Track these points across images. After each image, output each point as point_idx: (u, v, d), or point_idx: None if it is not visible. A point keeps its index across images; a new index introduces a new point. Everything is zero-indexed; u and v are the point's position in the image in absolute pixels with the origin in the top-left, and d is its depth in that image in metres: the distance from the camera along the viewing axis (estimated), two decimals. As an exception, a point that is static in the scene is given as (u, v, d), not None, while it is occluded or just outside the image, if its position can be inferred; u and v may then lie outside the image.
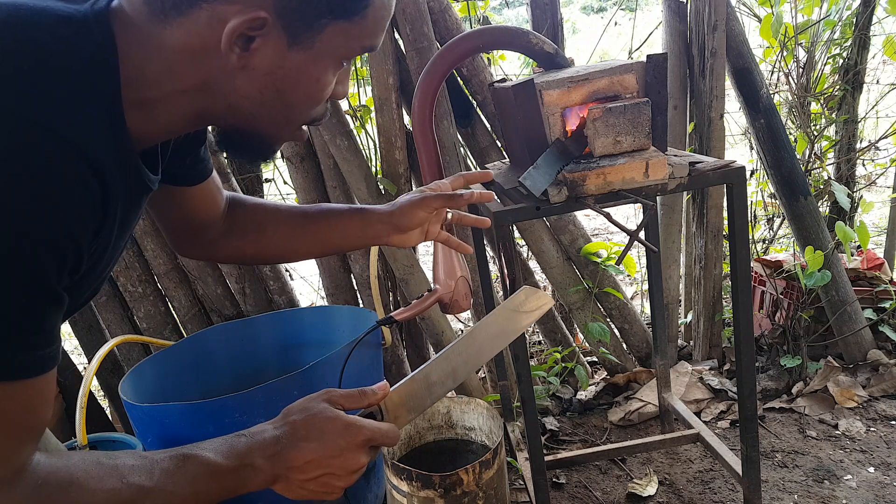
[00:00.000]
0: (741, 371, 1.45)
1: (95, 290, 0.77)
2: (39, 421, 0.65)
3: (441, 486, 1.37)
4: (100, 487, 0.66)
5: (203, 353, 1.83)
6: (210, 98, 0.70)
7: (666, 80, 1.28)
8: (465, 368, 0.87)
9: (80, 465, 0.66)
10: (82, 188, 0.60)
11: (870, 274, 2.33)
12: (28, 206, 0.55)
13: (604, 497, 1.83)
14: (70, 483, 0.64)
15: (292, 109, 0.73)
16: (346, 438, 0.76)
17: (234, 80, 0.68)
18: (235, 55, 0.65)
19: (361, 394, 0.82)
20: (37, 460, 0.64)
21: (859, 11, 2.43)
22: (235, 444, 0.75)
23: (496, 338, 0.90)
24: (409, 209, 1.02)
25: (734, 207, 1.32)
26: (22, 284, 0.57)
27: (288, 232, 1.04)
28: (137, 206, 0.75)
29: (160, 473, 0.70)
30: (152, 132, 0.71)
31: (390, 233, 1.03)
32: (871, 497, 1.71)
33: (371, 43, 0.72)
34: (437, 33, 1.99)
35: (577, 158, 1.29)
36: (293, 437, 0.76)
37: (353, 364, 1.45)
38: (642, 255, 2.61)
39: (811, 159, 2.54)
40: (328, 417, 0.77)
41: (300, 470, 0.76)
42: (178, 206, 0.97)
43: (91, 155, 0.60)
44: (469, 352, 0.87)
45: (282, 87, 0.69)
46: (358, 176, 2.03)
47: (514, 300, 0.91)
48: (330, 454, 0.76)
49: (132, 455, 0.71)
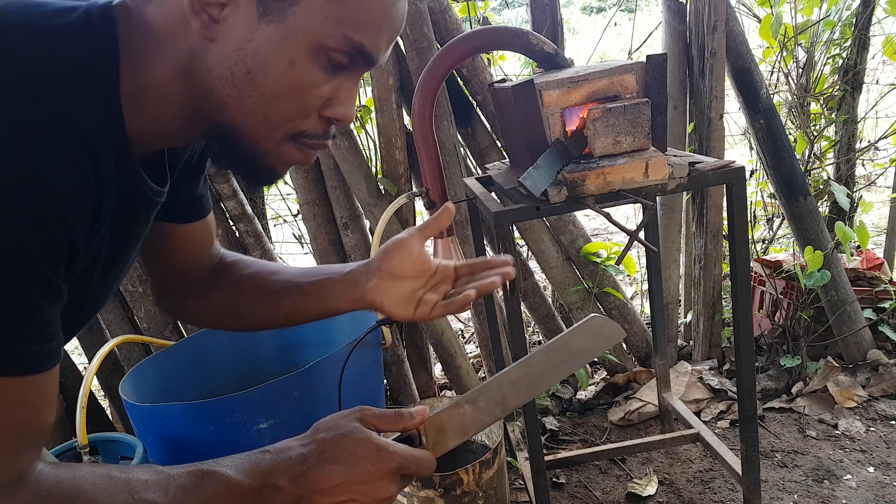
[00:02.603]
0: (741, 371, 1.45)
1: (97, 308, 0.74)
2: (41, 424, 0.60)
3: (441, 486, 1.37)
4: (109, 502, 0.61)
5: (203, 353, 1.83)
6: (192, 84, 0.65)
7: (666, 81, 1.29)
8: (516, 398, 0.79)
9: (88, 477, 0.62)
10: (77, 171, 0.56)
11: (869, 274, 2.33)
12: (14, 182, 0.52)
13: (604, 497, 1.83)
14: (77, 496, 0.60)
15: (268, 102, 0.65)
16: (376, 464, 0.71)
17: (206, 58, 0.63)
18: (200, 21, 0.61)
19: (398, 416, 0.76)
20: (40, 469, 0.60)
21: (859, 11, 2.43)
22: (259, 461, 0.70)
23: (555, 368, 0.80)
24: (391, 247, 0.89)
25: (734, 207, 1.32)
26: (11, 267, 0.53)
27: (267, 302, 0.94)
28: (136, 217, 0.71)
29: (176, 490, 0.65)
30: (147, 132, 0.66)
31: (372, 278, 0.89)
32: (871, 497, 1.71)
33: (358, 37, 0.64)
34: (437, 33, 1.99)
35: (577, 158, 1.29)
36: (320, 458, 0.71)
37: (353, 364, 1.45)
38: (642, 255, 2.61)
39: (811, 159, 2.54)
40: (359, 439, 0.71)
41: (325, 493, 0.70)
42: (170, 246, 0.90)
43: (89, 140, 0.57)
44: (524, 381, 0.79)
45: (252, 65, 0.63)
46: (358, 176, 2.03)
47: (582, 329, 0.81)
48: (357, 479, 0.70)
49: (146, 469, 0.66)
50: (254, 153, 0.69)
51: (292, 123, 0.68)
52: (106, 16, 0.62)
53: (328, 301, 0.92)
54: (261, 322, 0.98)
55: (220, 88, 0.64)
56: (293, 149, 0.70)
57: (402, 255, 0.88)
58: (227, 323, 0.99)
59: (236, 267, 0.98)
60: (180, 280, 0.95)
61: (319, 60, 0.65)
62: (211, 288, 0.96)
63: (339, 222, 2.13)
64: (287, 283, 0.94)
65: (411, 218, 2.15)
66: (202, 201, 0.91)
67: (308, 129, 0.69)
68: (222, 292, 0.96)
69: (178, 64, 0.64)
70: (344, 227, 2.13)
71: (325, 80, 0.66)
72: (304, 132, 0.69)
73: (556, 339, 0.81)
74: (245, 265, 0.99)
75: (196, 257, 0.94)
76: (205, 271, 0.97)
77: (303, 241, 2.40)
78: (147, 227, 0.75)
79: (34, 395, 0.58)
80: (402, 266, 0.89)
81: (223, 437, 1.36)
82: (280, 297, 0.94)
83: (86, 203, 0.58)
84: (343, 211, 2.11)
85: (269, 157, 0.70)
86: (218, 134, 0.68)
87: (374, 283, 0.89)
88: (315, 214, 2.13)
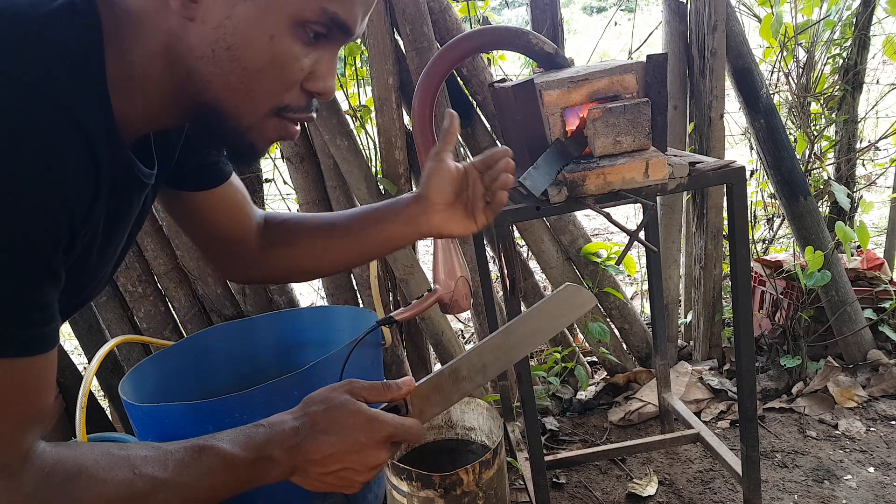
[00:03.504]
0: (741, 371, 1.45)
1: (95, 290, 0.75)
2: (41, 404, 0.62)
3: (441, 486, 1.37)
4: (111, 477, 0.63)
5: (203, 353, 1.83)
6: (174, 65, 0.65)
7: (666, 80, 1.29)
8: (496, 365, 0.83)
9: (89, 454, 0.64)
10: (75, 155, 0.57)
11: (870, 274, 2.33)
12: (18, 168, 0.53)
13: (604, 497, 1.83)
14: (79, 472, 0.62)
15: (251, 78, 0.65)
16: (367, 434, 0.74)
17: (187, 38, 0.64)
18: (179, 1, 0.61)
19: (385, 387, 0.79)
20: (42, 448, 0.61)
21: (859, 11, 2.43)
22: (253, 435, 0.73)
23: (533, 335, 0.85)
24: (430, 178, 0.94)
25: (734, 207, 1.32)
26: (15, 253, 0.54)
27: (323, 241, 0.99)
28: (129, 201, 0.72)
29: (174, 464, 0.67)
30: (135, 117, 0.67)
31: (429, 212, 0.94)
32: (871, 497, 1.71)
33: (333, 8, 0.65)
34: (437, 33, 1.99)
35: (577, 158, 1.29)
36: (313, 430, 0.74)
37: (353, 364, 1.45)
38: (642, 255, 2.61)
39: (811, 159, 2.54)
40: (350, 410, 0.75)
41: (319, 463, 0.74)
42: (201, 215, 0.92)
43: (84, 125, 0.58)
44: (503, 348, 0.83)
45: (232, 42, 0.63)
46: (358, 176, 2.03)
47: (556, 297, 0.86)
48: (350, 449, 0.74)
49: (144, 446, 0.68)
50: (236, 130, 0.70)
51: (276, 98, 0.69)
52: (89, 2, 0.62)
53: (390, 243, 0.98)
54: (334, 266, 1.02)
55: (201, 67, 0.65)
56: (276, 124, 0.71)
57: (446, 181, 0.94)
58: (300, 273, 1.04)
59: (289, 222, 1.02)
60: (233, 247, 0.98)
61: (298, 34, 0.66)
62: (274, 246, 0.99)
63: (339, 222, 2.13)
64: (347, 230, 0.99)
65: (411, 218, 2.14)
66: (217, 166, 0.92)
67: (291, 103, 0.70)
68: (289, 246, 1.00)
69: (159, 46, 0.65)
70: (344, 227, 2.12)
71: (305, 53, 0.67)
72: (288, 106, 0.70)
73: (533, 308, 0.85)
74: (299, 218, 1.03)
75: (236, 220, 0.96)
76: (253, 233, 0.99)
77: (303, 241, 2.40)
78: (138, 208, 0.76)
79: (36, 376, 0.60)
80: (450, 191, 0.94)
81: (223, 437, 1.35)
82: (347, 241, 0.99)
83: (85, 188, 0.59)
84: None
85: (251, 133, 0.71)
86: (201, 113, 0.69)
87: (436, 216, 0.95)
88: (315, 214, 2.13)
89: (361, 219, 0.99)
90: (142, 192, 0.74)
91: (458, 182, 0.95)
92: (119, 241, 0.75)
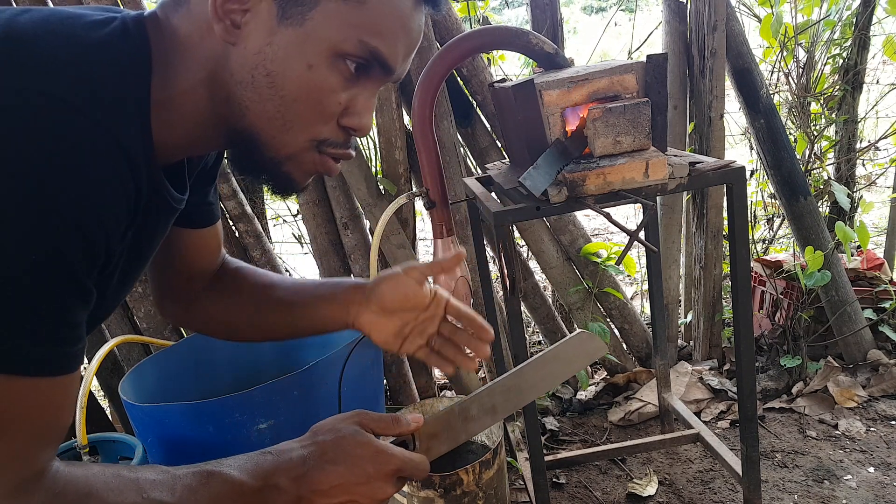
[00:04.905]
0: (741, 371, 1.45)
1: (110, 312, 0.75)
2: (61, 424, 0.62)
3: (441, 486, 1.37)
4: (119, 501, 0.63)
5: (203, 353, 1.82)
6: (215, 90, 0.67)
7: (666, 80, 1.28)
8: (506, 406, 0.83)
9: (99, 475, 0.63)
10: (114, 176, 0.58)
11: (870, 274, 2.33)
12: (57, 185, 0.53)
13: (604, 497, 1.83)
14: (88, 494, 0.61)
15: (287, 107, 0.66)
16: (376, 466, 0.73)
17: (229, 63, 0.65)
18: (223, 26, 0.63)
19: (395, 420, 0.79)
20: (56, 467, 0.61)
21: (859, 11, 2.43)
22: (261, 462, 0.72)
23: (544, 379, 0.85)
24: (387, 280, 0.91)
25: (734, 207, 1.32)
26: (51, 272, 0.54)
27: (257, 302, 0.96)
28: (157, 225, 0.72)
29: (182, 490, 0.67)
30: (172, 142, 0.68)
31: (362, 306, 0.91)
32: (871, 497, 1.71)
33: (374, 42, 0.66)
34: (437, 33, 1.99)
35: (577, 158, 1.29)
36: (321, 459, 0.73)
37: (353, 364, 1.45)
38: (642, 255, 2.61)
39: (811, 159, 2.54)
40: (359, 441, 0.74)
41: (325, 494, 0.73)
42: (175, 250, 0.91)
43: (125, 148, 0.58)
44: (513, 390, 0.83)
45: (272, 69, 0.64)
46: (358, 176, 2.03)
47: (569, 344, 0.86)
48: (357, 480, 0.73)
49: (153, 469, 0.68)
50: (274, 160, 0.70)
51: (312, 130, 0.69)
52: (140, 28, 0.64)
53: (318, 323, 0.95)
54: (253, 335, 1.00)
55: (240, 93, 0.66)
56: (315, 159, 0.71)
57: (395, 291, 0.90)
58: (221, 332, 1.01)
59: (236, 276, 1.00)
60: (186, 286, 0.97)
61: (337, 66, 0.66)
62: (210, 294, 0.98)
63: (339, 222, 2.13)
64: (280, 300, 0.96)
65: (411, 218, 2.15)
66: (213, 208, 0.93)
67: (329, 137, 0.70)
68: (220, 301, 0.98)
69: (202, 71, 0.66)
70: (344, 227, 2.13)
71: (343, 87, 0.68)
72: (326, 140, 0.70)
73: (547, 352, 0.85)
74: (244, 275, 1.00)
75: (203, 262, 0.96)
76: (208, 278, 0.98)
77: (302, 241, 2.40)
78: (165, 233, 0.77)
79: (59, 395, 0.60)
80: (393, 302, 0.90)
81: (223, 437, 1.35)
82: (273, 314, 0.96)
83: (122, 210, 0.60)
84: (343, 211, 2.11)
85: (288, 164, 0.71)
86: (238, 140, 0.70)
87: (365, 314, 0.91)
88: (315, 214, 2.13)
89: (301, 290, 0.96)
90: (170, 216, 0.75)
91: (409, 302, 0.91)
92: (143, 265, 0.76)
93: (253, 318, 0.97)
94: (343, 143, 0.72)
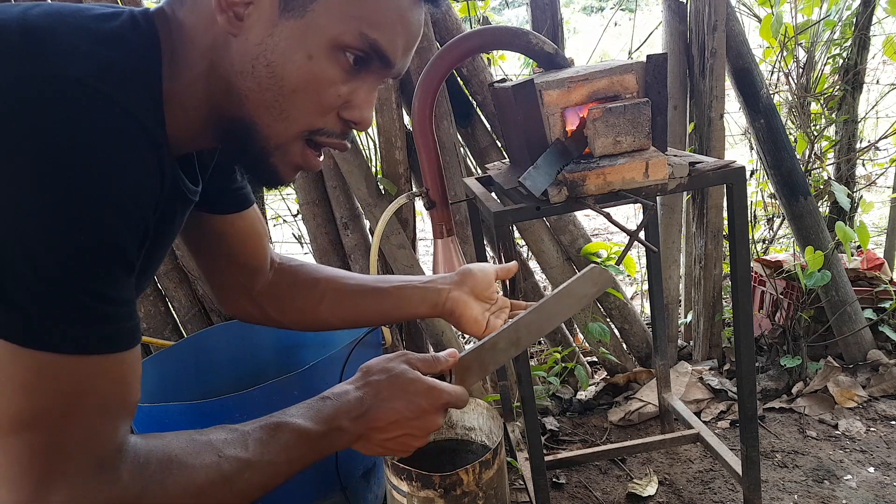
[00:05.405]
0: (741, 371, 1.45)
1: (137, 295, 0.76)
2: (132, 398, 0.63)
3: (441, 486, 1.37)
4: (200, 463, 0.65)
5: (203, 353, 1.83)
6: (215, 81, 0.67)
7: (666, 80, 1.28)
8: (528, 338, 0.91)
9: (175, 442, 0.65)
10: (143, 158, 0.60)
11: (870, 274, 2.33)
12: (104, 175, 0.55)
13: (604, 497, 1.83)
14: (170, 461, 0.63)
15: (286, 97, 0.67)
16: (429, 400, 0.78)
17: (230, 54, 0.66)
18: (226, 18, 0.64)
19: (435, 359, 0.84)
20: (134, 441, 0.63)
21: (859, 11, 2.43)
22: (322, 408, 0.76)
23: (560, 312, 0.93)
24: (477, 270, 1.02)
25: (734, 207, 1.32)
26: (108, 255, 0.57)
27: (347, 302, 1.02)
28: (174, 216, 0.74)
29: (254, 444, 0.70)
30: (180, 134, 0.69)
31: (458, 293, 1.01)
32: (871, 497, 1.71)
33: (373, 34, 0.66)
34: (437, 33, 1.99)
35: (577, 158, 1.29)
36: (377, 398, 0.77)
37: (353, 364, 1.45)
38: (642, 256, 2.61)
39: (811, 159, 2.54)
40: (410, 379, 0.79)
41: (383, 430, 0.77)
42: (222, 240, 0.93)
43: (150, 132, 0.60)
44: (535, 323, 0.91)
45: (272, 59, 0.65)
46: (358, 176, 2.03)
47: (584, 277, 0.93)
48: (412, 415, 0.78)
49: (222, 429, 0.70)
50: (263, 149, 0.71)
51: (309, 120, 0.70)
52: (149, 22, 0.65)
53: (407, 304, 1.02)
54: (343, 321, 1.04)
55: (240, 83, 0.67)
56: (301, 150, 0.72)
57: (483, 279, 1.02)
58: (306, 323, 1.05)
59: (303, 270, 1.04)
60: (244, 278, 0.99)
61: (337, 58, 0.67)
62: (282, 289, 1.01)
63: (339, 222, 2.13)
64: (365, 285, 1.02)
65: (411, 218, 2.15)
66: (245, 191, 0.94)
67: (325, 127, 0.71)
68: (298, 293, 1.02)
69: (204, 62, 0.67)
70: (344, 227, 2.13)
71: (343, 79, 0.69)
72: (321, 129, 0.71)
73: (563, 287, 0.93)
74: (313, 268, 1.05)
75: (253, 248, 0.97)
76: (265, 272, 1.00)
77: (302, 242, 2.40)
78: (181, 224, 0.78)
79: (127, 370, 0.62)
80: (480, 288, 1.02)
81: (223, 437, 1.35)
82: (360, 298, 1.02)
83: (151, 191, 0.62)
84: (343, 211, 2.11)
85: (276, 155, 0.72)
86: (232, 129, 0.70)
87: (456, 294, 1.01)
88: (315, 214, 2.13)
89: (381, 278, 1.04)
90: (186, 208, 0.76)
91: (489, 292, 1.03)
92: (162, 256, 0.77)
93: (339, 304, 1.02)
94: (340, 134, 0.73)
